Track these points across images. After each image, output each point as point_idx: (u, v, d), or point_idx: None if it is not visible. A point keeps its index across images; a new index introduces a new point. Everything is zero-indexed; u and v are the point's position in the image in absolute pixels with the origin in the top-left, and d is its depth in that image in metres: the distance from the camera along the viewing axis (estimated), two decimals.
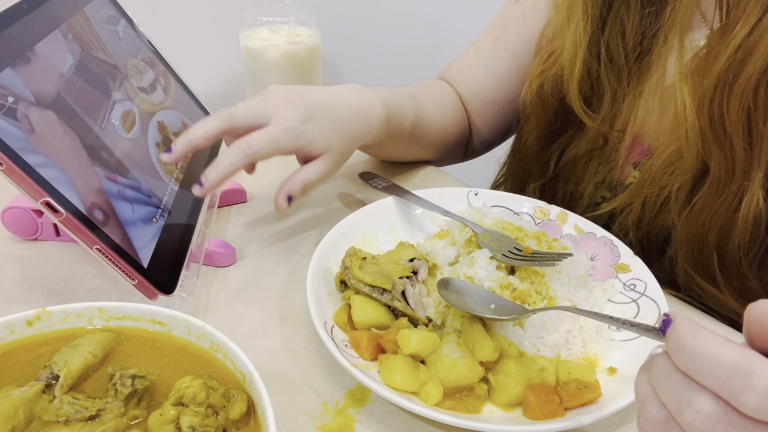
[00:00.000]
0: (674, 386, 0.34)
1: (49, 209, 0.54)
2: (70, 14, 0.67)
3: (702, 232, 0.68)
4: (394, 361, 0.55)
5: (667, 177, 0.70)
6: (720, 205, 0.66)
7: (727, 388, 0.32)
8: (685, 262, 0.71)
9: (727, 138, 0.63)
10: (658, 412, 0.36)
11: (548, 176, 0.84)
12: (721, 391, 0.32)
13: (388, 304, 0.61)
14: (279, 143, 0.66)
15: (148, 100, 0.76)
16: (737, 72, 0.61)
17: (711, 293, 0.71)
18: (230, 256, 0.71)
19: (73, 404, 0.42)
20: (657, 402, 0.36)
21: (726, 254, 0.68)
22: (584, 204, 0.81)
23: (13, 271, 0.68)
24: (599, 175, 0.79)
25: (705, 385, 0.33)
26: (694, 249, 0.70)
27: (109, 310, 0.48)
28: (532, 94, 0.81)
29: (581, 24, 0.73)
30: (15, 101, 0.54)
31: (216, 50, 1.14)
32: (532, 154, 0.85)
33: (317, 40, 0.88)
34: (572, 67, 0.74)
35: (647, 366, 0.38)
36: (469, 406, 0.53)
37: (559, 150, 0.83)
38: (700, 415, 0.33)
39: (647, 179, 0.72)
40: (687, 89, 0.65)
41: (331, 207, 0.82)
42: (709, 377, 0.32)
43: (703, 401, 0.33)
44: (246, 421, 0.42)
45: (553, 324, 0.59)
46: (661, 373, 0.36)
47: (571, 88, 0.75)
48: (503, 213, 0.75)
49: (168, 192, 0.69)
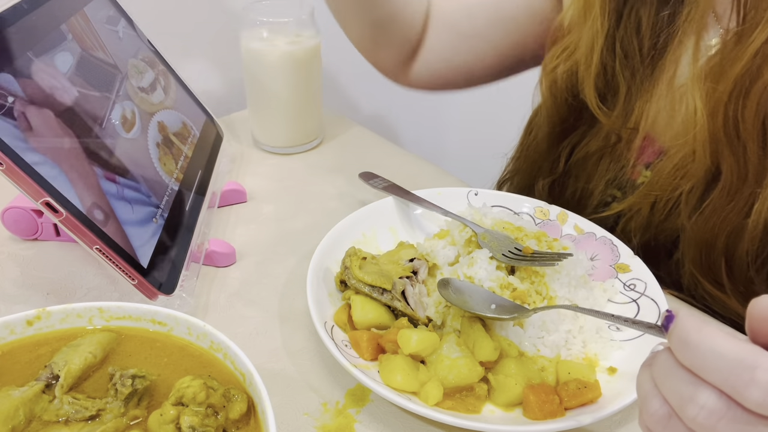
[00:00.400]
0: (677, 382, 0.34)
1: (49, 209, 0.54)
2: (70, 14, 0.67)
3: (711, 236, 0.67)
4: (394, 361, 0.55)
5: (678, 180, 0.69)
6: (731, 210, 0.65)
7: (731, 382, 0.32)
8: (692, 265, 0.70)
9: (741, 144, 0.62)
10: (661, 408, 0.36)
11: (558, 173, 0.83)
12: (724, 386, 0.32)
13: (388, 304, 0.61)
14: None
15: (148, 100, 0.76)
16: (754, 78, 0.60)
17: (717, 297, 0.70)
18: (230, 256, 0.71)
19: (73, 404, 0.42)
20: (659, 398, 0.36)
21: (734, 259, 0.68)
22: (594, 203, 0.80)
23: (13, 271, 0.68)
24: (610, 172, 0.78)
25: (708, 380, 0.33)
26: (701, 253, 0.69)
27: (109, 310, 0.48)
28: (544, 90, 0.80)
29: (598, 19, 0.72)
30: (15, 101, 0.54)
31: (216, 50, 1.14)
32: (541, 150, 0.85)
33: (317, 40, 0.88)
34: (589, 63, 0.74)
35: (649, 362, 0.38)
36: (469, 406, 0.53)
37: (569, 147, 0.82)
38: (704, 410, 0.33)
39: (657, 181, 0.71)
40: (700, 93, 0.64)
41: (331, 207, 0.82)
42: (712, 372, 0.32)
43: (706, 396, 0.33)
44: (246, 421, 0.42)
45: (553, 324, 0.59)
46: (663, 368, 0.36)
47: (586, 83, 0.74)
48: (503, 213, 0.75)
49: (168, 192, 0.69)
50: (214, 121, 0.89)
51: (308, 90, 0.90)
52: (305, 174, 0.89)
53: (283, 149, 0.93)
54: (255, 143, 0.95)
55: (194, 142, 0.81)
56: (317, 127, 0.95)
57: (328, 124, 1.00)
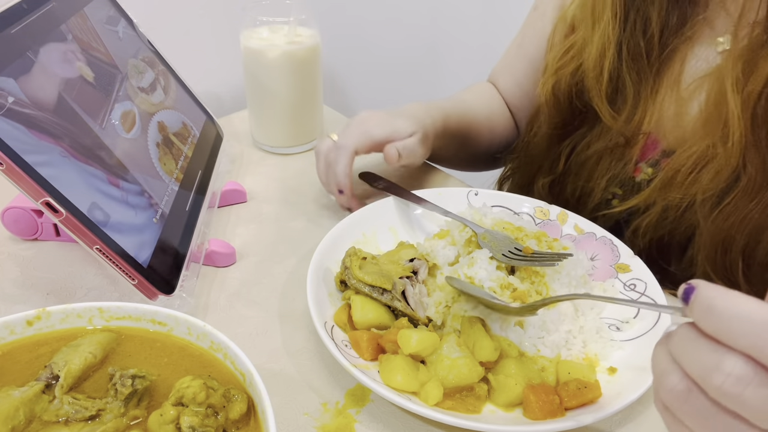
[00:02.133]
0: (699, 352, 0.33)
1: (49, 209, 0.54)
2: (70, 14, 0.67)
3: (729, 235, 0.66)
4: (394, 361, 0.55)
5: (695, 175, 0.68)
6: (752, 209, 0.64)
7: (759, 345, 0.31)
8: (707, 263, 0.69)
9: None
10: (680, 382, 0.35)
11: (558, 172, 0.83)
12: (752, 350, 0.31)
13: (388, 304, 0.61)
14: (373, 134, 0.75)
15: (148, 100, 0.75)
16: None
17: None
18: (230, 256, 0.71)
19: (73, 404, 0.42)
20: (678, 372, 0.35)
21: (753, 259, 0.67)
22: (595, 200, 0.80)
23: (13, 271, 0.68)
24: (611, 171, 0.78)
25: (734, 346, 0.32)
26: (717, 251, 0.68)
27: (109, 310, 0.48)
28: (547, 90, 0.80)
29: (610, 24, 0.71)
30: (15, 101, 0.54)
31: (216, 50, 1.14)
32: (542, 149, 0.85)
33: (317, 40, 0.88)
34: (599, 70, 0.73)
35: (664, 341, 0.37)
36: (469, 406, 0.53)
37: (570, 146, 0.82)
38: (730, 378, 0.32)
39: (670, 179, 0.70)
40: (733, 93, 0.63)
41: (331, 207, 0.82)
42: (739, 337, 0.32)
43: (733, 363, 0.32)
44: (246, 421, 0.42)
45: (554, 324, 0.59)
46: (683, 341, 0.35)
47: (595, 90, 0.74)
48: (503, 213, 0.75)
49: (168, 192, 0.69)
50: (214, 121, 0.89)
51: (308, 90, 0.90)
52: (305, 174, 0.89)
53: (283, 149, 0.93)
54: (255, 143, 0.95)
55: (194, 142, 0.81)
56: (317, 127, 0.95)
57: (328, 124, 1.00)
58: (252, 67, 0.87)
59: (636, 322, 0.61)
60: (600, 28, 0.72)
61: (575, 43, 0.76)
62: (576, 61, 0.76)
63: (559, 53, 0.79)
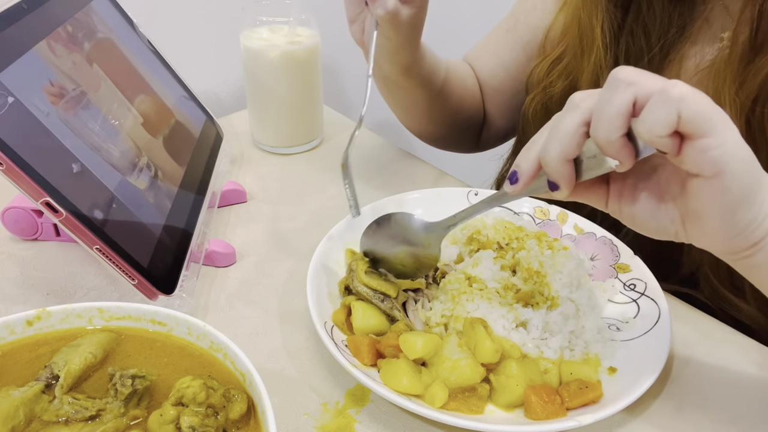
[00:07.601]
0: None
1: (49, 209, 0.54)
2: (70, 14, 0.67)
3: None
4: (397, 365, 0.54)
5: None
6: None
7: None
8: (710, 269, 0.69)
9: (761, 152, 0.61)
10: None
11: None
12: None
13: (387, 312, 0.60)
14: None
15: (149, 100, 0.75)
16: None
17: (734, 304, 0.68)
18: (230, 256, 0.71)
19: (73, 404, 0.42)
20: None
21: None
22: None
23: (13, 271, 0.68)
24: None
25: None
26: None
27: (109, 310, 0.48)
28: (535, 106, 0.79)
29: (600, 52, 0.70)
30: (15, 101, 0.54)
31: (216, 50, 1.13)
32: None
33: (317, 40, 0.88)
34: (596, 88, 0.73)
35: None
36: (472, 407, 0.53)
37: None
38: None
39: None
40: (728, 98, 0.62)
41: (331, 207, 0.82)
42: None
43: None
44: (246, 421, 0.42)
45: (557, 325, 0.59)
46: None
47: None
48: (503, 213, 0.75)
49: (168, 192, 0.69)
50: (214, 121, 0.89)
51: (308, 90, 0.90)
52: (305, 174, 0.89)
53: (283, 149, 0.93)
54: (255, 143, 0.95)
55: (194, 142, 0.81)
56: (317, 127, 0.95)
57: (328, 124, 1.00)
58: (252, 67, 0.87)
59: (636, 321, 0.61)
60: (591, 59, 0.72)
61: (562, 55, 0.76)
62: (566, 80, 0.75)
63: (544, 66, 0.78)
